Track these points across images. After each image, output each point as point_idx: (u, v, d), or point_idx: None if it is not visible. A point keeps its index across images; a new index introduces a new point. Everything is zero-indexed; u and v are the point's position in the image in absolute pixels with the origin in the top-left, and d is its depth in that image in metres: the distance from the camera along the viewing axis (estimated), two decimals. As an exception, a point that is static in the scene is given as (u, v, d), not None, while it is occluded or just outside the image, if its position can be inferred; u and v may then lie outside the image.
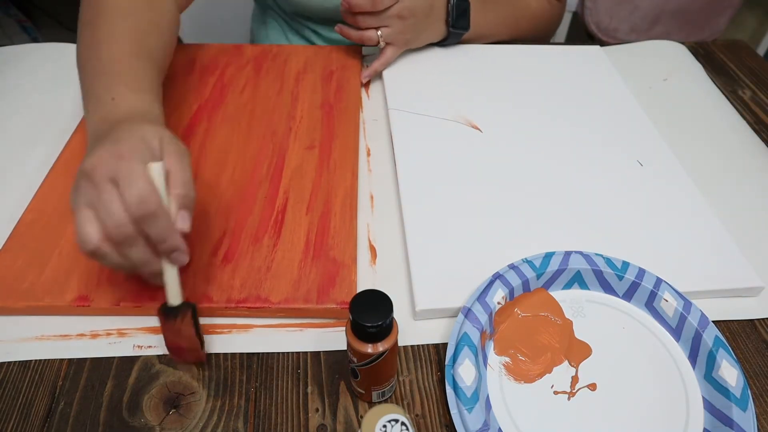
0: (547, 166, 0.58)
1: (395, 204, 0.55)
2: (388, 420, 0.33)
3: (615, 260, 0.47)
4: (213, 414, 0.40)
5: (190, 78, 0.66)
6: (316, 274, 0.46)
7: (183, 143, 0.43)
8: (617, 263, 0.47)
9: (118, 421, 0.40)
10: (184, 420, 0.40)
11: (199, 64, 0.68)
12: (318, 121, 0.61)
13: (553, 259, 0.47)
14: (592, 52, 0.75)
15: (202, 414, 0.40)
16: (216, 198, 0.52)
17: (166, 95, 0.63)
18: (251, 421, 0.40)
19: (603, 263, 0.47)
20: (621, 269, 0.47)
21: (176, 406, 0.41)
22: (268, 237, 0.49)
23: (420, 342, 0.45)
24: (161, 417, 0.40)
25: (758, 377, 0.44)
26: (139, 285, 0.45)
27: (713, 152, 0.62)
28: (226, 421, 0.40)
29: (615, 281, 0.47)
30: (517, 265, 0.47)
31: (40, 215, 0.50)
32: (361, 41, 0.65)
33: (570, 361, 0.44)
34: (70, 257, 0.47)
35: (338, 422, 0.40)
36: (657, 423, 0.40)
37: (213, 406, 0.41)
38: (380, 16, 0.63)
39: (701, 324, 0.44)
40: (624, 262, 0.47)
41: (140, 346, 0.44)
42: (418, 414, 0.41)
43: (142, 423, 0.40)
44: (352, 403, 0.41)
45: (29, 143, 0.59)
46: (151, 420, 0.40)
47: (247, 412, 0.41)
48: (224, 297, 0.45)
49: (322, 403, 0.41)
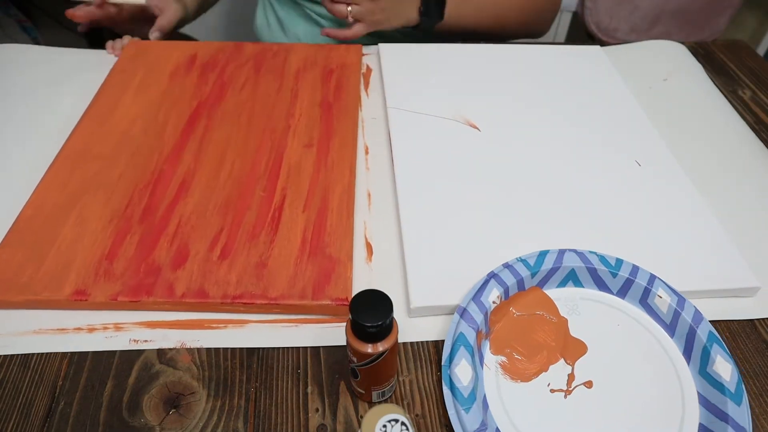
0: (545, 166, 0.58)
1: (392, 202, 0.55)
2: (388, 420, 0.33)
3: (609, 257, 0.48)
4: (213, 414, 0.40)
5: (189, 75, 0.67)
6: (312, 271, 0.46)
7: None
8: (611, 260, 0.47)
9: (118, 421, 0.40)
10: (184, 420, 0.40)
11: (200, 62, 0.69)
12: (317, 119, 0.61)
13: (547, 258, 0.47)
14: (592, 52, 0.75)
15: (202, 414, 0.40)
16: (214, 194, 0.53)
17: (166, 92, 0.64)
18: (251, 421, 0.40)
19: (597, 261, 0.47)
20: (615, 266, 0.47)
21: (176, 406, 0.41)
22: (264, 233, 0.49)
23: (415, 339, 0.45)
24: (161, 417, 0.40)
25: (758, 377, 0.44)
26: (135, 279, 0.45)
27: (712, 152, 0.62)
28: (226, 421, 0.40)
29: (609, 278, 0.47)
30: (512, 264, 0.47)
31: (39, 211, 0.51)
32: (331, 12, 0.68)
33: (566, 359, 0.44)
34: (68, 252, 0.47)
35: (338, 422, 0.40)
36: (653, 419, 0.41)
37: (213, 406, 0.41)
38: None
39: (695, 320, 0.44)
40: (618, 259, 0.47)
41: (136, 340, 0.44)
42: (418, 414, 0.41)
43: (142, 423, 0.40)
44: (352, 403, 0.41)
45: (29, 139, 0.60)
46: (151, 420, 0.40)
47: (247, 412, 0.41)
48: (220, 292, 0.45)
49: (322, 403, 0.41)
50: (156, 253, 0.47)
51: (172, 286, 0.45)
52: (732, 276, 0.49)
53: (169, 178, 0.54)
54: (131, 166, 0.55)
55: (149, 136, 0.59)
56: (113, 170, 0.55)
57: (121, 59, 0.69)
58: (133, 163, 0.56)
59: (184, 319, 0.45)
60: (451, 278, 0.47)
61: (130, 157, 0.56)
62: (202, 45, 0.72)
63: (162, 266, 0.47)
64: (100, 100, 0.63)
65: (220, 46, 0.72)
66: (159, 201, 0.52)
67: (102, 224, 0.50)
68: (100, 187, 0.53)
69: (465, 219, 0.52)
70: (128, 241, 0.48)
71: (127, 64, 0.68)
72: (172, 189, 0.53)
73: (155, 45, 0.72)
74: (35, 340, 0.44)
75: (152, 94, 0.64)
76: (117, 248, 0.48)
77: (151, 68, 0.67)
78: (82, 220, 0.50)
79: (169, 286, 0.45)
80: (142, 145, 0.58)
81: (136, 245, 0.48)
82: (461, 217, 0.52)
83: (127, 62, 0.68)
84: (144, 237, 0.49)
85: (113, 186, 0.53)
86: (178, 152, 0.57)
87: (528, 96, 0.67)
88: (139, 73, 0.67)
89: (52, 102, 0.64)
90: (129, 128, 0.59)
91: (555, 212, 0.53)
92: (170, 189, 0.53)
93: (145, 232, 0.49)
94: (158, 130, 0.59)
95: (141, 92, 0.64)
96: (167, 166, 0.55)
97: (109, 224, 0.50)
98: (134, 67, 0.67)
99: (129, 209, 0.51)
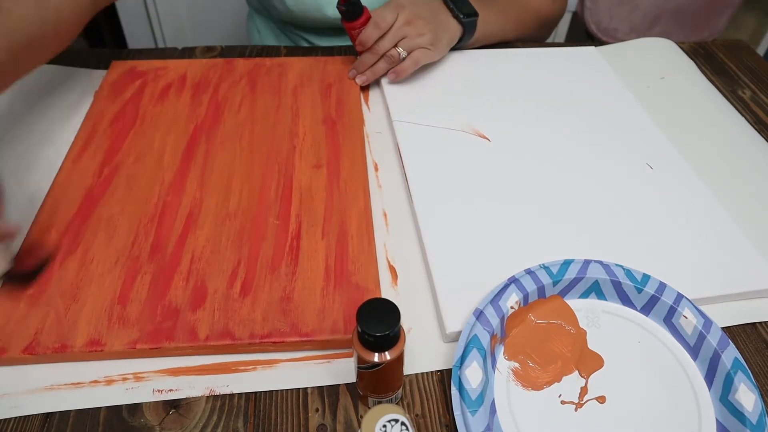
0: (558, 174, 0.58)
1: (410, 220, 0.54)
2: (388, 420, 0.33)
3: (635, 272, 0.47)
4: (213, 414, 0.40)
5: (181, 96, 0.64)
6: (340, 303, 0.45)
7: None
8: (637, 275, 0.46)
9: (118, 421, 0.39)
10: (184, 420, 0.40)
11: (190, 81, 0.66)
12: (322, 137, 0.59)
13: (571, 267, 0.47)
14: (588, 53, 0.75)
15: (202, 414, 0.40)
16: (225, 225, 0.50)
17: (158, 115, 0.61)
18: (251, 421, 0.40)
19: (623, 274, 0.47)
20: (641, 282, 0.46)
21: (176, 406, 0.40)
22: (285, 264, 0.47)
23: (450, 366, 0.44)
24: (161, 417, 0.40)
25: (758, 377, 0.44)
26: (153, 324, 0.43)
27: (719, 151, 0.62)
28: (226, 421, 0.40)
29: (634, 294, 0.46)
30: (534, 271, 0.46)
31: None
32: (391, 65, 0.65)
33: (580, 372, 0.43)
34: (75, 298, 0.44)
35: (338, 422, 0.40)
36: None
37: (213, 406, 0.41)
38: (392, 34, 0.63)
39: (721, 344, 0.43)
40: (645, 274, 0.46)
41: (161, 390, 0.41)
42: (418, 414, 0.41)
43: (142, 423, 0.39)
44: (352, 403, 0.41)
45: (20, 174, 0.56)
46: (151, 420, 0.40)
47: (247, 412, 0.40)
48: (247, 332, 0.43)
49: (322, 403, 0.41)
50: (171, 294, 0.45)
51: (193, 329, 0.43)
52: (756, 278, 0.49)
53: (175, 210, 0.51)
54: (131, 199, 0.52)
55: (146, 164, 0.55)
56: (112, 205, 0.51)
57: (104, 83, 0.65)
58: (133, 195, 0.52)
59: (210, 364, 0.43)
60: (481, 296, 0.46)
61: (127, 189, 0.53)
62: (190, 63, 0.69)
63: (180, 308, 0.44)
64: (86, 129, 0.59)
65: (209, 64, 0.68)
66: (167, 236, 0.49)
67: (108, 266, 0.47)
68: (99, 224, 0.50)
69: (487, 234, 0.51)
70: (139, 282, 0.45)
71: (112, 88, 0.64)
72: (179, 221, 0.50)
73: (141, 65, 0.68)
74: (48, 398, 0.40)
75: (143, 119, 0.60)
76: (128, 291, 0.45)
77: (139, 90, 0.64)
78: (85, 263, 0.47)
79: (191, 329, 0.43)
80: (138, 175, 0.54)
81: (148, 286, 0.45)
82: (484, 233, 0.51)
83: (112, 86, 0.64)
84: (156, 276, 0.46)
85: (114, 222, 0.50)
86: (180, 181, 0.54)
87: (533, 102, 0.66)
88: (125, 97, 0.63)
89: (40, 128, 0.60)
90: (123, 158, 0.56)
91: (573, 221, 0.53)
92: (177, 221, 0.50)
93: (156, 270, 0.46)
94: (155, 158, 0.56)
95: (130, 118, 0.60)
96: (171, 197, 0.52)
97: (115, 265, 0.47)
98: (120, 91, 0.64)
99: (135, 247, 0.48)
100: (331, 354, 0.44)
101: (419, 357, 0.44)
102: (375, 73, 0.66)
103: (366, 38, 0.63)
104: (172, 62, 0.68)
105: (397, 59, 0.64)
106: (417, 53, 0.64)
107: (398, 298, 0.47)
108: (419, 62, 0.65)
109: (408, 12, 0.63)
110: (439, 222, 0.52)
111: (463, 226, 0.52)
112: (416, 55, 0.65)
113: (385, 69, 0.66)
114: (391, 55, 0.64)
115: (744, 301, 0.49)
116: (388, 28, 0.63)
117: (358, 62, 0.66)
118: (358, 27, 0.63)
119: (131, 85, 0.65)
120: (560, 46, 0.76)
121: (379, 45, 0.63)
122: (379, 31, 0.62)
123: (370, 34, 0.62)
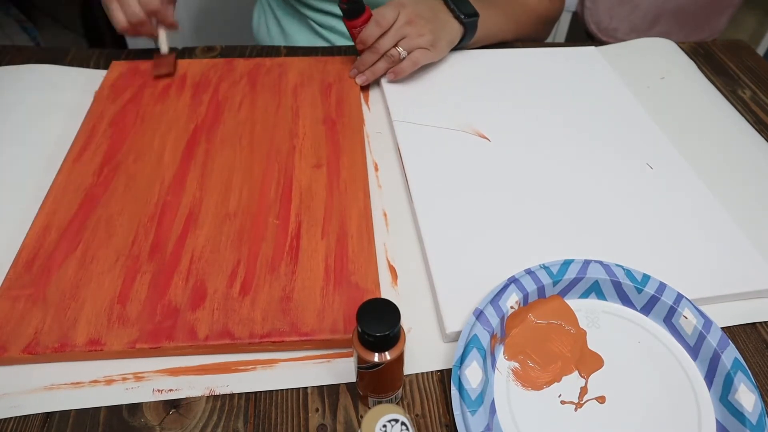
0: (558, 175, 0.58)
1: (410, 220, 0.54)
2: (388, 420, 0.33)
3: (635, 272, 0.47)
4: (213, 414, 0.40)
5: (182, 96, 0.64)
6: (340, 303, 0.44)
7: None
8: (637, 275, 0.46)
9: (118, 421, 0.39)
10: (184, 420, 0.40)
11: (190, 81, 0.66)
12: (322, 137, 0.59)
13: (571, 267, 0.47)
14: (588, 53, 0.75)
15: (202, 414, 0.40)
16: (225, 225, 0.50)
17: (158, 115, 0.61)
18: (251, 421, 0.40)
19: (623, 274, 0.47)
20: (641, 282, 0.46)
21: (176, 406, 0.40)
22: (285, 264, 0.47)
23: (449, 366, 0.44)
24: (161, 417, 0.40)
25: (758, 377, 0.44)
26: (152, 323, 0.43)
27: (719, 151, 0.62)
28: (226, 421, 0.40)
29: (634, 294, 0.46)
30: (534, 271, 0.46)
31: (36, 255, 0.47)
32: (391, 64, 0.65)
33: (580, 372, 0.43)
34: (74, 298, 0.44)
35: (338, 422, 0.40)
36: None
37: (213, 406, 0.41)
38: (393, 32, 0.63)
39: (721, 344, 0.43)
40: (644, 274, 0.46)
41: (161, 390, 0.41)
42: (418, 414, 0.41)
43: (142, 423, 0.39)
44: (352, 403, 0.41)
45: (17, 171, 0.56)
46: (151, 420, 0.40)
47: (247, 412, 0.40)
48: (246, 332, 0.43)
49: (322, 403, 0.41)
50: (171, 293, 0.45)
51: (193, 329, 0.43)
52: (756, 278, 0.49)
53: (175, 210, 0.51)
54: (131, 198, 0.52)
55: (146, 164, 0.55)
56: (112, 205, 0.51)
57: (104, 83, 0.65)
58: (132, 195, 0.52)
59: (210, 364, 0.43)
60: (481, 296, 0.46)
61: (127, 189, 0.53)
62: (190, 63, 0.69)
63: (180, 307, 0.44)
64: (86, 129, 0.59)
65: (209, 63, 0.68)
66: (167, 235, 0.49)
67: (107, 265, 0.47)
68: (99, 224, 0.50)
69: (487, 234, 0.51)
70: (139, 282, 0.45)
71: (112, 88, 0.64)
72: (179, 221, 0.50)
73: (141, 65, 0.68)
74: (48, 398, 0.40)
75: (143, 119, 0.60)
76: (128, 290, 0.45)
77: (139, 90, 0.64)
78: (84, 262, 0.47)
79: (190, 328, 0.43)
80: (138, 174, 0.54)
81: (148, 285, 0.45)
82: (484, 233, 0.51)
83: (112, 86, 0.64)
84: (156, 276, 0.46)
85: (114, 222, 0.50)
86: (180, 181, 0.54)
87: (532, 102, 0.66)
88: (125, 97, 0.63)
89: (40, 128, 0.60)
90: (123, 158, 0.56)
91: (573, 221, 0.53)
92: (177, 221, 0.50)
93: (156, 270, 0.46)
94: (155, 158, 0.56)
95: (130, 118, 0.60)
96: (171, 197, 0.52)
97: (115, 264, 0.47)
98: (120, 91, 0.64)
99: (135, 246, 0.48)
100: (331, 354, 0.44)
101: (419, 357, 0.44)
102: (375, 73, 0.66)
103: (367, 36, 0.63)
104: (172, 62, 0.68)
105: (397, 59, 0.64)
106: (416, 54, 0.65)
107: (398, 298, 0.47)
108: (418, 63, 0.65)
109: (409, 11, 0.63)
110: (439, 222, 0.52)
111: (463, 226, 0.52)
112: (415, 56, 0.65)
113: (384, 69, 0.66)
114: (391, 54, 0.64)
115: (744, 301, 0.49)
116: (389, 27, 0.63)
117: (358, 61, 0.67)
118: (359, 25, 0.64)
119: (131, 85, 0.65)
120: (560, 46, 0.76)
121: (380, 43, 0.63)
122: (379, 30, 0.63)
123: (371, 32, 0.63)
